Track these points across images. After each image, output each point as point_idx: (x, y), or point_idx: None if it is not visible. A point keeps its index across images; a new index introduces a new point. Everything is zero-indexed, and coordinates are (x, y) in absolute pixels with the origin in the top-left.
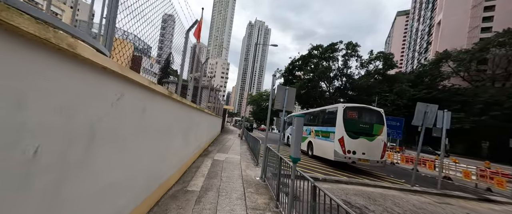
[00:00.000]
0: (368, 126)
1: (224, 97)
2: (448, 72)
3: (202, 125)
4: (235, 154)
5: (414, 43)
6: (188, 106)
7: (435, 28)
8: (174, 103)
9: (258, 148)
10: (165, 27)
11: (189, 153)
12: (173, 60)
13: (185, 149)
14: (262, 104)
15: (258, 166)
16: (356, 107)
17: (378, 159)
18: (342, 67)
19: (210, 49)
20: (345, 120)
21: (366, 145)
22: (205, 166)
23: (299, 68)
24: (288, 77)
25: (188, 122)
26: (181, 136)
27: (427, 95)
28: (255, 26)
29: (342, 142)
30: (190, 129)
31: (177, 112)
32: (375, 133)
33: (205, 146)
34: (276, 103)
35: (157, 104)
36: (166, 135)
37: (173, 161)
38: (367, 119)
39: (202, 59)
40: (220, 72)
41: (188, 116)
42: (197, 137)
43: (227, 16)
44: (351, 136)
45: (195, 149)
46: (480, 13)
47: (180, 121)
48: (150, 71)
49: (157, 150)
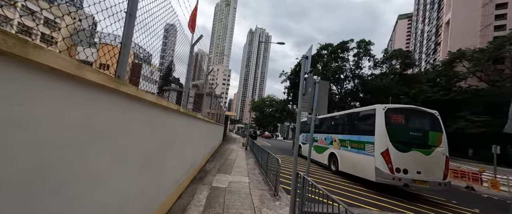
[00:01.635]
0: (421, 134)
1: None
2: (464, 72)
3: (199, 137)
4: (241, 174)
5: (420, 45)
6: (170, 111)
7: (444, 28)
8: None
9: (276, 168)
10: (167, 36)
11: (169, 186)
12: (174, 69)
13: (162, 181)
14: (265, 111)
15: (277, 197)
16: (401, 109)
17: (440, 179)
18: (354, 68)
19: (212, 57)
20: (388, 125)
21: (421, 161)
22: (197, 204)
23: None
24: (295, 79)
25: (170, 136)
26: (157, 160)
27: (444, 97)
28: (255, 33)
29: (388, 157)
30: (174, 147)
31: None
32: (431, 144)
33: (201, 164)
34: (302, 104)
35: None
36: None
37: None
38: (418, 124)
39: (204, 67)
40: (222, 79)
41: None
42: (188, 157)
43: (228, 24)
44: (400, 148)
45: (184, 174)
46: (491, 11)
47: (154, 137)
48: (150, 79)
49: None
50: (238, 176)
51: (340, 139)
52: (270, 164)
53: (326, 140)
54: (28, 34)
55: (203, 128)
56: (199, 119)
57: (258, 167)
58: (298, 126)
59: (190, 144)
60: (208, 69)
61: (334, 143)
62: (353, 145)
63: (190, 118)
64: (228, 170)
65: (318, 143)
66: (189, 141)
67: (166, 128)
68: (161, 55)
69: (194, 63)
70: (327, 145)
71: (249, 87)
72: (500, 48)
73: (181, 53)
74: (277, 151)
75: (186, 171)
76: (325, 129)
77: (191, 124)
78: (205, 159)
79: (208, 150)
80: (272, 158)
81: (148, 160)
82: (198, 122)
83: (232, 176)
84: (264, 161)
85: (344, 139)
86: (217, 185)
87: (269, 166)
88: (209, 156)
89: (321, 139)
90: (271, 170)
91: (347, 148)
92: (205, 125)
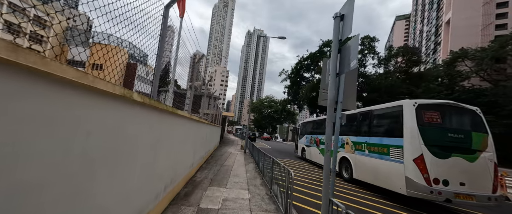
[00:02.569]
0: (463, 136)
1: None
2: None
3: (183, 141)
4: (239, 186)
5: (419, 45)
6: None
7: (444, 27)
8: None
9: (285, 181)
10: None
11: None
12: (171, 69)
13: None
14: (264, 112)
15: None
16: (436, 105)
17: (489, 193)
18: (359, 64)
19: (210, 58)
20: (421, 125)
21: (465, 169)
22: None
23: (307, 68)
24: (296, 78)
25: (115, 142)
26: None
27: (449, 97)
28: (253, 34)
29: (423, 165)
30: (123, 158)
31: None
32: (475, 147)
33: (190, 174)
34: (323, 96)
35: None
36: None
37: None
38: (457, 123)
39: (200, 68)
40: (220, 80)
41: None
42: (163, 171)
43: (226, 25)
44: (437, 153)
45: (154, 197)
46: (492, 10)
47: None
48: (146, 79)
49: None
50: (235, 189)
51: (355, 142)
52: (277, 174)
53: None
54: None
55: (192, 129)
56: (183, 118)
57: (259, 174)
58: (333, 126)
59: (168, 150)
60: (201, 62)
61: (346, 145)
62: (373, 149)
63: (164, 115)
64: (223, 181)
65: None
66: (164, 147)
67: (106, 130)
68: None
69: (192, 66)
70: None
71: (247, 89)
72: (504, 46)
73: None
74: (278, 154)
75: (158, 191)
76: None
77: (168, 123)
78: (196, 167)
79: (200, 155)
80: (278, 166)
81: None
82: (184, 122)
83: (228, 190)
84: (267, 168)
85: (359, 141)
86: (206, 205)
87: (276, 176)
88: (201, 162)
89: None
90: (278, 182)
91: (364, 152)
92: (195, 126)
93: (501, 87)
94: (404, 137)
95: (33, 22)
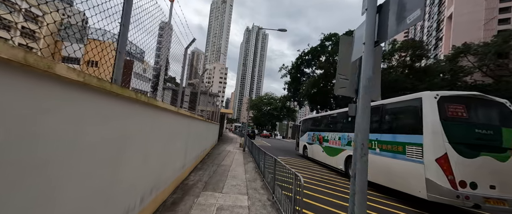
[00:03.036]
0: (492, 132)
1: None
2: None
3: (172, 140)
4: (237, 189)
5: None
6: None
7: (446, 22)
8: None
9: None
10: (162, 34)
11: None
12: (169, 67)
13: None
14: (263, 109)
15: None
16: (460, 97)
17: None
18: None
19: (208, 55)
20: (445, 121)
21: (495, 170)
22: None
23: (308, 64)
24: (296, 74)
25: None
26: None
27: None
28: (252, 31)
29: (447, 165)
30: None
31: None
32: (507, 145)
33: (182, 176)
34: (340, 84)
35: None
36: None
37: None
38: (485, 117)
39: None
40: (218, 78)
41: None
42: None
43: (225, 22)
44: (464, 152)
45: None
46: (495, 4)
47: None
48: (143, 76)
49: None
50: (232, 194)
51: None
52: (280, 175)
53: (341, 139)
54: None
55: (182, 126)
56: (167, 112)
57: (260, 175)
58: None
59: (145, 153)
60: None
61: (353, 143)
62: (385, 147)
63: (133, 106)
64: (219, 184)
65: (329, 144)
66: (135, 148)
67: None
68: (156, 53)
69: (190, 63)
70: (342, 145)
71: (246, 86)
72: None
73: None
74: (278, 152)
75: (127, 208)
76: (339, 126)
77: (142, 117)
78: (190, 168)
79: (195, 154)
80: (282, 168)
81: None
82: (169, 117)
83: (224, 195)
84: (268, 168)
85: (371, 138)
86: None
87: (278, 177)
88: (196, 162)
89: (333, 139)
90: (281, 184)
91: (374, 151)
92: (186, 123)
93: (504, 82)
94: (424, 134)
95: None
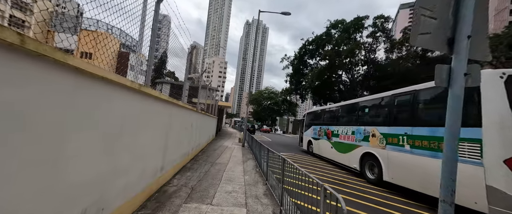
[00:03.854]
0: None
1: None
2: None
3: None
4: (232, 199)
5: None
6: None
7: None
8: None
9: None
10: (160, 28)
11: None
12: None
13: None
14: (263, 103)
15: None
16: None
17: None
18: (368, 49)
19: (207, 49)
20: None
21: None
22: None
23: (312, 55)
24: (299, 65)
25: None
26: None
27: None
28: (252, 25)
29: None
30: None
31: None
32: None
33: (159, 182)
34: (425, 27)
35: None
36: None
37: None
38: None
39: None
40: (218, 72)
41: None
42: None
43: (224, 15)
44: None
45: None
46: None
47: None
48: (140, 69)
49: None
50: (226, 206)
51: (386, 133)
52: (291, 179)
53: (355, 134)
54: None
55: (160, 115)
56: (127, 90)
57: (261, 176)
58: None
59: (73, 150)
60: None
61: (372, 138)
62: (419, 143)
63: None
64: (209, 190)
65: (339, 139)
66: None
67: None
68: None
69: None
70: (356, 141)
71: (246, 81)
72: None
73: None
74: (280, 148)
75: None
76: (353, 119)
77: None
78: (173, 169)
79: (182, 152)
80: (296, 172)
81: None
82: (138, 100)
83: (215, 209)
84: (273, 167)
85: (395, 133)
86: None
87: (288, 181)
88: (185, 160)
89: (345, 133)
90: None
91: (402, 148)
92: (167, 111)
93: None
94: (484, 126)
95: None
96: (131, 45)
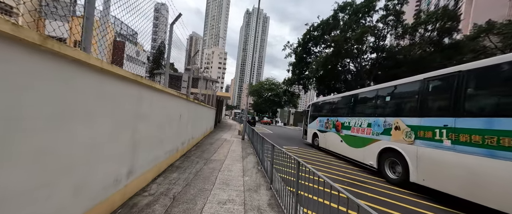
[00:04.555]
0: None
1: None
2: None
3: (106, 128)
4: (227, 212)
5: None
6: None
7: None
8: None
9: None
10: (158, 17)
11: None
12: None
13: None
14: (264, 95)
15: None
16: None
17: None
18: (378, 35)
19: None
20: None
21: None
22: None
23: (316, 42)
24: (302, 54)
25: None
26: None
27: None
28: (252, 14)
29: None
30: None
31: None
32: None
33: (127, 191)
34: None
35: None
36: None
37: None
38: None
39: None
40: (217, 63)
41: None
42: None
43: (223, 3)
44: None
45: None
46: None
47: None
48: (137, 60)
49: None
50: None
51: (415, 126)
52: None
53: (372, 126)
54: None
55: (128, 102)
56: (98, 71)
57: (264, 177)
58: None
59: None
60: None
61: (394, 131)
62: (467, 139)
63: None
64: (197, 201)
65: (351, 132)
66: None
67: None
68: (153, 37)
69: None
70: (373, 134)
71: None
72: None
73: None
74: (282, 141)
75: None
76: (370, 109)
77: None
78: (157, 170)
79: (171, 147)
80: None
81: None
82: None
83: None
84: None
85: (429, 125)
86: None
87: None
88: (173, 158)
89: (358, 125)
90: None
91: (441, 143)
92: (148, 97)
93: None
94: None
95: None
96: (128, 35)
